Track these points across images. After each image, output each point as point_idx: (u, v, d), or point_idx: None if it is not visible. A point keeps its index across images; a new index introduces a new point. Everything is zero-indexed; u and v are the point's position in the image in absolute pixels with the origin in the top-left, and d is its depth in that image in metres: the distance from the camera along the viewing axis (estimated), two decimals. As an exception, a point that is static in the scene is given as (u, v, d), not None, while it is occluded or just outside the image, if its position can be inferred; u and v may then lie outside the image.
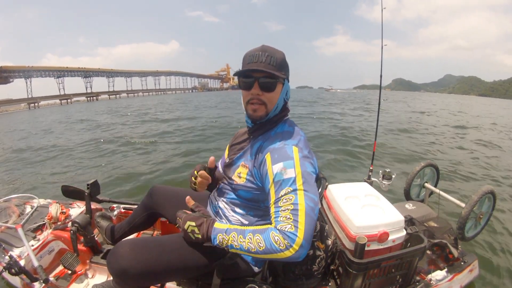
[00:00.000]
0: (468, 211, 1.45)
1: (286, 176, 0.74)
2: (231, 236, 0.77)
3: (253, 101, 0.84)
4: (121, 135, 7.66)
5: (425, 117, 12.44)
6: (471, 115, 15.07)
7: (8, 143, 7.94)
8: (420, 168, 1.89)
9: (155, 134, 7.89)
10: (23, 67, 59.74)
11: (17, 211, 1.63)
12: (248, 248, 0.74)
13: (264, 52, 0.82)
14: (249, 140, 0.95)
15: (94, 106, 31.96)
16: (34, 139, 8.50)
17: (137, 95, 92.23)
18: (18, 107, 55.14)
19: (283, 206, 0.73)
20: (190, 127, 8.93)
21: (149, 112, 16.34)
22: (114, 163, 4.77)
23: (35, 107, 52.24)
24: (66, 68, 69.98)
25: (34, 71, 61.96)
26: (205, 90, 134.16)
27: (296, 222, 0.70)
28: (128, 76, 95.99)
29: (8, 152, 6.45)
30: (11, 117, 24.81)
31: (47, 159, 5.46)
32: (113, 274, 0.83)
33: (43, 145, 7.02)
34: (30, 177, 4.34)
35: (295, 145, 0.81)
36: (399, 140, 6.56)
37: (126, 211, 1.73)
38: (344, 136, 6.77)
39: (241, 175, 0.89)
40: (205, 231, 0.80)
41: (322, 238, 1.07)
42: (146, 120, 11.84)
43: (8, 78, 56.33)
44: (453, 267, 1.30)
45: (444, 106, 23.31)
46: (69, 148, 6.31)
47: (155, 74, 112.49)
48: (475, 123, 10.57)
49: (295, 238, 0.69)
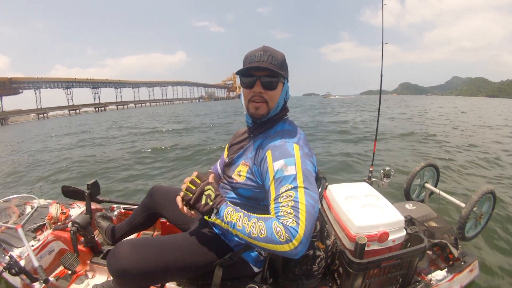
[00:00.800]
0: (468, 211, 1.45)
1: (287, 173, 0.75)
2: (237, 214, 0.76)
3: (255, 99, 0.86)
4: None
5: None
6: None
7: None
8: (420, 168, 1.89)
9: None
10: (32, 79, 60.83)
11: (17, 211, 1.63)
12: (250, 232, 0.72)
13: (266, 52, 0.83)
14: (248, 139, 0.96)
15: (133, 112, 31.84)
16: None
17: (144, 105, 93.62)
18: (27, 118, 56.20)
19: (284, 202, 0.72)
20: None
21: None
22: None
23: (44, 118, 53.63)
24: (74, 79, 71.34)
25: (43, 82, 63.13)
26: (211, 99, 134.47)
27: (297, 218, 0.69)
28: (136, 87, 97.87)
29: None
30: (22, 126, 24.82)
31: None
32: (113, 274, 0.83)
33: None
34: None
35: (296, 142, 0.82)
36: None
37: (126, 212, 1.73)
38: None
39: (241, 173, 0.89)
40: (219, 200, 0.80)
41: (322, 238, 1.07)
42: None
43: (18, 89, 57.35)
44: (453, 267, 1.30)
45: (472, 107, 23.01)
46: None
47: (162, 84, 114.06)
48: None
49: (296, 233, 0.68)
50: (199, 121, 14.86)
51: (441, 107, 16.43)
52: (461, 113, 16.30)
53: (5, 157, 7.47)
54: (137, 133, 10.72)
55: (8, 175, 5.22)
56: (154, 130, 11.21)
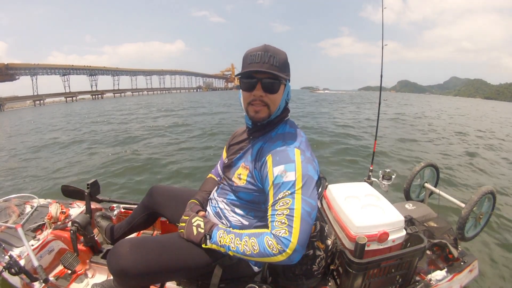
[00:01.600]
0: (468, 211, 1.45)
1: (286, 179, 0.74)
2: (229, 236, 0.79)
3: (255, 103, 0.82)
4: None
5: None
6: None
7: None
8: (420, 168, 1.89)
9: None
10: (29, 65, 60.22)
11: (17, 211, 1.63)
12: (244, 251, 0.75)
13: (267, 52, 0.78)
14: (248, 141, 0.94)
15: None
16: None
17: (142, 93, 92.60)
18: (23, 104, 55.79)
19: (279, 209, 0.73)
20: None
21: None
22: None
23: (40, 104, 52.99)
24: (71, 66, 70.49)
25: (40, 69, 62.51)
26: (210, 89, 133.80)
27: (290, 227, 0.71)
28: (133, 75, 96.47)
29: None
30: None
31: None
32: (113, 273, 0.83)
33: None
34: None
35: (297, 147, 0.80)
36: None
37: (126, 211, 1.73)
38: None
39: (241, 176, 0.88)
40: (209, 227, 0.85)
41: (322, 238, 1.07)
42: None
43: (14, 75, 56.83)
44: (453, 267, 1.30)
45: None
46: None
47: (160, 73, 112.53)
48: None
49: (288, 243, 0.70)
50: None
51: (451, 116, 15.16)
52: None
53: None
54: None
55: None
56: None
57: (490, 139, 7.71)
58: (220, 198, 0.97)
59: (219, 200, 0.96)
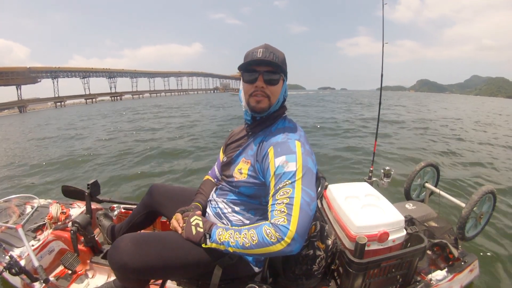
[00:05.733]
0: (469, 211, 1.45)
1: (287, 170, 0.76)
2: (228, 232, 0.80)
3: (257, 93, 0.86)
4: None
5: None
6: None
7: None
8: (420, 168, 1.89)
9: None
10: (50, 68, 61.73)
11: (18, 211, 1.63)
12: (243, 243, 0.75)
13: (267, 49, 0.85)
14: (247, 137, 0.96)
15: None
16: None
17: (159, 95, 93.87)
18: (45, 106, 57.45)
19: (279, 199, 0.74)
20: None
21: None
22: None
23: (61, 106, 54.77)
24: (91, 69, 72.03)
25: (60, 72, 64.10)
26: (226, 90, 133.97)
27: (289, 215, 0.71)
28: (151, 77, 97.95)
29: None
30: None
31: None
32: (114, 267, 0.84)
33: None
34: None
35: (298, 139, 0.83)
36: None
37: (126, 211, 1.73)
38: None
39: (242, 171, 0.89)
40: (208, 226, 0.85)
41: (322, 238, 1.07)
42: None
43: (36, 78, 58.35)
44: (453, 267, 1.30)
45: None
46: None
47: (177, 74, 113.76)
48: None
49: (287, 231, 0.70)
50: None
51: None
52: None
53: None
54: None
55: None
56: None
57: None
58: (219, 199, 0.97)
59: (219, 201, 0.97)
